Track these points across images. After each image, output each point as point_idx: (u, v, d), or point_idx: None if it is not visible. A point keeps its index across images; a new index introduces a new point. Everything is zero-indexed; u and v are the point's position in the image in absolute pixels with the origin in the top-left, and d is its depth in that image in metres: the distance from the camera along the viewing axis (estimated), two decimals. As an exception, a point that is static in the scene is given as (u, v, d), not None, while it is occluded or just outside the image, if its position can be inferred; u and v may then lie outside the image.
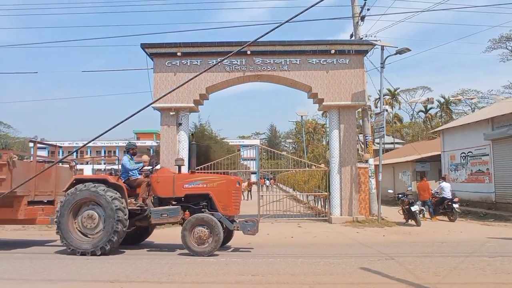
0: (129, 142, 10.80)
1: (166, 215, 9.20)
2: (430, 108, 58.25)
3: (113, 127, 5.51)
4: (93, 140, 6.00)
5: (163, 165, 15.62)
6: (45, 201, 10.77)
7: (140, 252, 9.45)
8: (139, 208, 9.40)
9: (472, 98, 41.56)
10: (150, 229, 10.74)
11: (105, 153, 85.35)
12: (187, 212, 9.27)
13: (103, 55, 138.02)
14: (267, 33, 5.24)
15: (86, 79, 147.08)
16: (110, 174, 10.17)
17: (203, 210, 9.27)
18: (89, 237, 9.02)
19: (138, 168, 10.05)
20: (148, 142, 76.63)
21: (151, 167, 10.11)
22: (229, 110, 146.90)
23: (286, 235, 11.59)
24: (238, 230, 9.35)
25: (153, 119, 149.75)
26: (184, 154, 15.92)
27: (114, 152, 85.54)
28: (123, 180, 9.75)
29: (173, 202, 9.48)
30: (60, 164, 11.52)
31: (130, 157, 10.17)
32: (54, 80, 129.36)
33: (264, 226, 14.81)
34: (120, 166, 10.21)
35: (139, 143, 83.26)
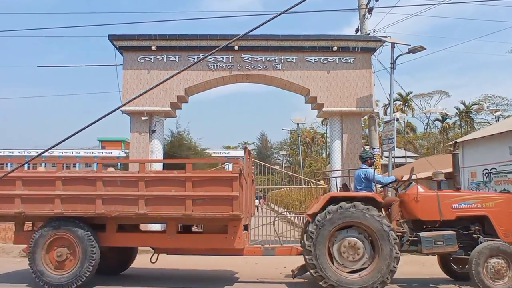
0: (366, 151, 10.45)
1: (441, 242, 8.69)
2: (447, 117, 58.95)
3: (74, 134, 5.46)
4: (49, 149, 5.94)
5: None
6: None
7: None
8: (401, 233, 8.90)
9: (496, 111, 42.16)
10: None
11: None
12: None
13: (62, 48, 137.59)
14: (259, 26, 5.28)
15: (41, 76, 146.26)
16: (342, 188, 9.84)
17: (475, 236, 8.90)
18: (348, 272, 8.44)
19: (390, 182, 9.68)
20: (115, 152, 76.25)
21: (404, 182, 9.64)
22: (212, 115, 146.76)
23: (277, 265, 11.53)
24: None
25: (121, 125, 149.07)
26: (157, 166, 15.84)
27: (74, 164, 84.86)
28: None
29: (426, 227, 9.05)
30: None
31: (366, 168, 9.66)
32: (2, 76, 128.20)
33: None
34: (356, 177, 9.63)
35: (104, 153, 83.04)
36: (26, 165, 8.34)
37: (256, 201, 45.34)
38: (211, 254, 9.71)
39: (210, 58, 15.75)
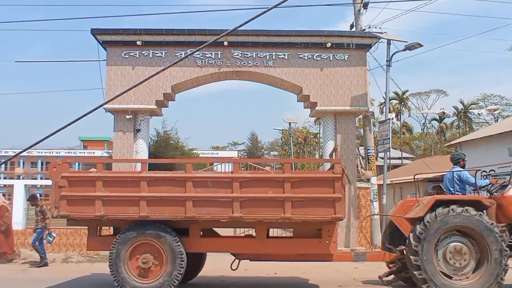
0: (459, 152, 10.43)
1: None
2: (445, 117, 59.39)
3: (54, 132, 5.44)
4: (27, 148, 5.92)
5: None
6: None
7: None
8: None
9: (495, 110, 42.58)
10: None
11: (42, 164, 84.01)
12: None
13: (43, 42, 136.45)
14: (249, 20, 5.30)
15: (20, 72, 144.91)
16: (436, 191, 9.80)
17: None
18: (455, 280, 8.43)
19: (485, 186, 9.63)
20: (98, 152, 75.81)
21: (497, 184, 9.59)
22: (200, 114, 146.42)
23: (267, 271, 11.54)
24: None
25: (104, 124, 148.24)
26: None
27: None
28: None
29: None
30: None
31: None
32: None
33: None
34: (448, 179, 9.65)
35: (86, 153, 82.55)
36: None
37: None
38: (298, 260, 9.57)
39: (198, 54, 15.73)
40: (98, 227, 9.29)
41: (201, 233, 9.10)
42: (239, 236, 11.20)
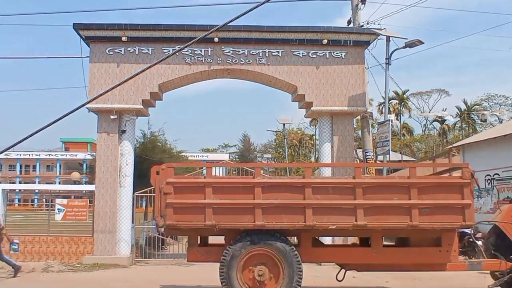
0: None
1: None
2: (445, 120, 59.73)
3: (33, 133, 5.40)
4: (4, 151, 5.86)
5: (101, 184, 15.41)
6: None
7: None
8: None
9: (500, 112, 42.93)
10: None
11: (21, 167, 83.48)
12: None
13: (22, 37, 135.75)
14: (241, 15, 5.29)
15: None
16: None
17: None
18: None
19: None
20: (80, 155, 75.55)
21: None
22: (189, 114, 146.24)
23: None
24: None
25: (87, 125, 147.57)
26: (128, 170, 15.74)
27: (34, 166, 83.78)
28: None
29: None
30: None
31: None
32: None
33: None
34: None
35: (68, 155, 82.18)
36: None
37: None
38: (409, 270, 9.59)
39: (187, 51, 15.70)
40: (198, 237, 9.27)
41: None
42: (353, 246, 10.98)
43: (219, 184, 8.81)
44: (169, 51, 15.54)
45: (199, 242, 9.35)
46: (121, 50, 15.80)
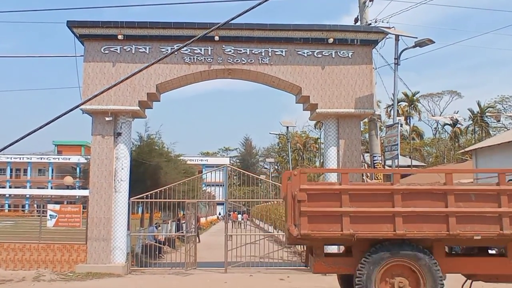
0: None
1: None
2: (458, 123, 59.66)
3: (24, 136, 5.41)
4: (-6, 154, 5.87)
5: (95, 189, 15.41)
6: None
7: None
8: None
9: None
10: None
11: (11, 171, 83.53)
12: None
13: (13, 35, 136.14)
14: (243, 12, 5.30)
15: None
16: None
17: None
18: None
19: None
20: (74, 158, 75.59)
21: None
22: (188, 116, 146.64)
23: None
24: None
25: (81, 127, 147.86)
26: (124, 175, 15.73)
27: (25, 170, 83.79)
28: None
29: None
30: None
31: None
32: None
33: (232, 278, 14.73)
34: None
35: (61, 159, 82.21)
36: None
37: (239, 216, 45.03)
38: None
39: (186, 50, 15.72)
40: (323, 246, 9.22)
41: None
42: (487, 255, 10.57)
43: (356, 191, 8.78)
44: (167, 50, 15.56)
45: (322, 253, 9.28)
46: (117, 49, 15.82)
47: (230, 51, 16.02)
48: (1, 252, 15.23)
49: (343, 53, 16.17)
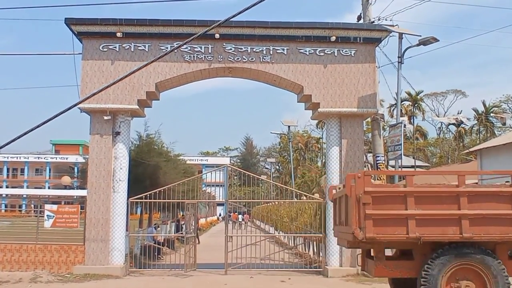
0: None
1: None
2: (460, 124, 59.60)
3: (22, 135, 5.42)
4: (-9, 153, 5.89)
5: (93, 190, 15.42)
6: None
7: None
8: None
9: None
10: None
11: (8, 171, 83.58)
12: None
13: (10, 33, 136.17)
14: (244, 10, 5.30)
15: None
16: None
17: None
18: None
19: None
20: (72, 158, 75.63)
21: None
22: (188, 115, 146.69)
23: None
24: None
25: (79, 126, 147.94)
26: (122, 174, 15.74)
27: (22, 170, 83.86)
28: None
29: None
30: None
31: None
32: None
33: (232, 280, 14.73)
34: None
35: (58, 158, 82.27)
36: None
37: (240, 216, 44.98)
38: None
39: (186, 48, 15.72)
40: (384, 250, 9.26)
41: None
42: None
43: (421, 193, 8.79)
44: (167, 48, 15.56)
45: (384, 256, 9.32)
46: (115, 47, 15.82)
47: (231, 49, 16.02)
48: (-3, 253, 15.27)
49: (346, 51, 16.16)
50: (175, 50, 15.13)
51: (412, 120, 58.27)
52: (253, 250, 16.85)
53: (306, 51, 16.11)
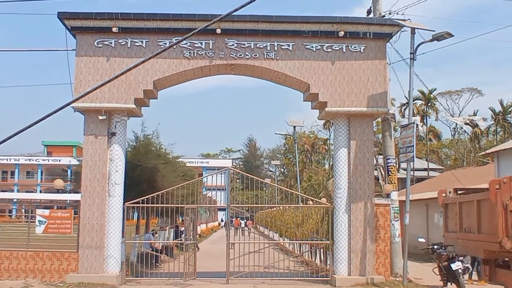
0: None
1: None
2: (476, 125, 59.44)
3: (12, 136, 5.43)
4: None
5: (87, 193, 15.43)
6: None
7: None
8: None
9: None
10: None
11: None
12: None
13: (0, 27, 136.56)
14: (246, 3, 5.30)
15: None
16: None
17: None
18: None
19: None
20: (65, 160, 75.74)
21: None
22: (188, 115, 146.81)
23: None
24: None
25: (73, 126, 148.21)
26: (118, 178, 15.75)
27: (12, 172, 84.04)
28: None
29: None
30: None
31: None
32: None
33: (235, 289, 14.72)
34: None
35: (51, 160, 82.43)
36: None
37: (242, 222, 45.06)
38: None
39: (186, 44, 15.73)
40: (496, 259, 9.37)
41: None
42: None
43: None
44: (166, 43, 15.58)
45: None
46: (111, 43, 15.85)
47: (233, 45, 16.02)
48: (-14, 260, 15.29)
49: (355, 47, 16.14)
50: (174, 46, 15.15)
51: (425, 120, 58.22)
52: (256, 257, 16.82)
53: (312, 47, 16.10)
